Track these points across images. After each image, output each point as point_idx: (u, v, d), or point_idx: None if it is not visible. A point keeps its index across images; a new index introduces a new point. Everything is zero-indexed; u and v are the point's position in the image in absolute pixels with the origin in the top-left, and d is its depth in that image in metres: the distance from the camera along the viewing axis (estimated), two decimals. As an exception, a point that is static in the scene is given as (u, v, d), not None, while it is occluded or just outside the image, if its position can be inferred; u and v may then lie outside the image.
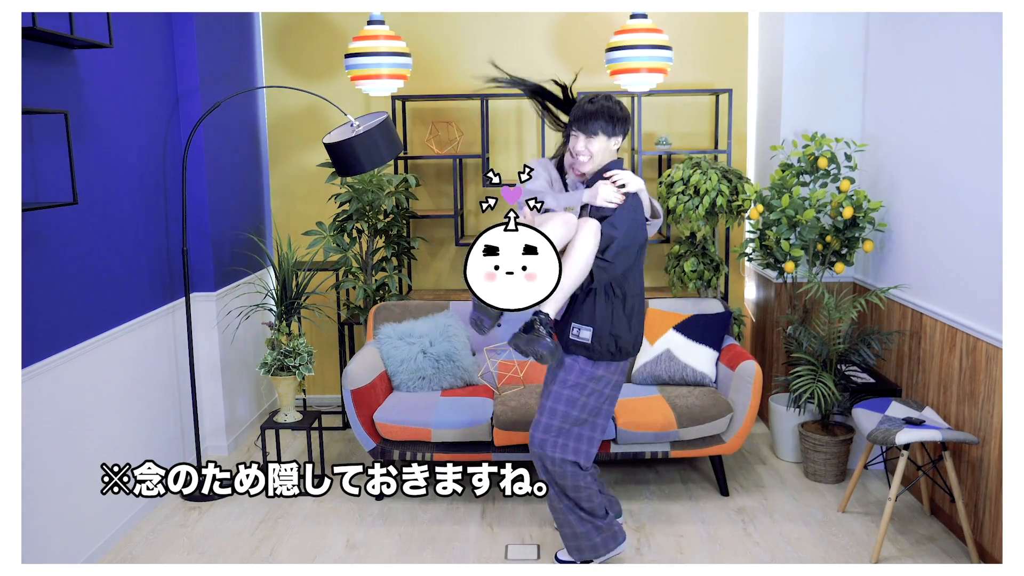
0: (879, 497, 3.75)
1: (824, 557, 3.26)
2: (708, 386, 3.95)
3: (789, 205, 3.89)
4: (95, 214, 3.30)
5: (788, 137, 4.29)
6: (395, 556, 3.33)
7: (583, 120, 2.80)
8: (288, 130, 5.00)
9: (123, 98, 3.53)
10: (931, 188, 3.53)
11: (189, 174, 4.01)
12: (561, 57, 4.87)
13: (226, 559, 3.32)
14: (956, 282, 3.34)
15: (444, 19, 4.88)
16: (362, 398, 3.70)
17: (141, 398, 3.64)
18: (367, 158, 3.25)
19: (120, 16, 3.47)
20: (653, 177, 4.97)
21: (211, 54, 4.19)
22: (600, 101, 2.82)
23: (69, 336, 3.10)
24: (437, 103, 4.93)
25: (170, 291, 3.94)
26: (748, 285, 4.97)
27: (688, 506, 3.69)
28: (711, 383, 3.98)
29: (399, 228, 4.60)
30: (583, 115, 2.80)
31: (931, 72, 3.52)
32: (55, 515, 2.99)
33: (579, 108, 2.82)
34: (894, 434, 3.13)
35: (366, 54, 4.22)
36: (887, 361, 3.96)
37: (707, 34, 4.84)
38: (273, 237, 5.00)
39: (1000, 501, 3.04)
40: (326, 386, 5.17)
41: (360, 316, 4.57)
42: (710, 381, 3.98)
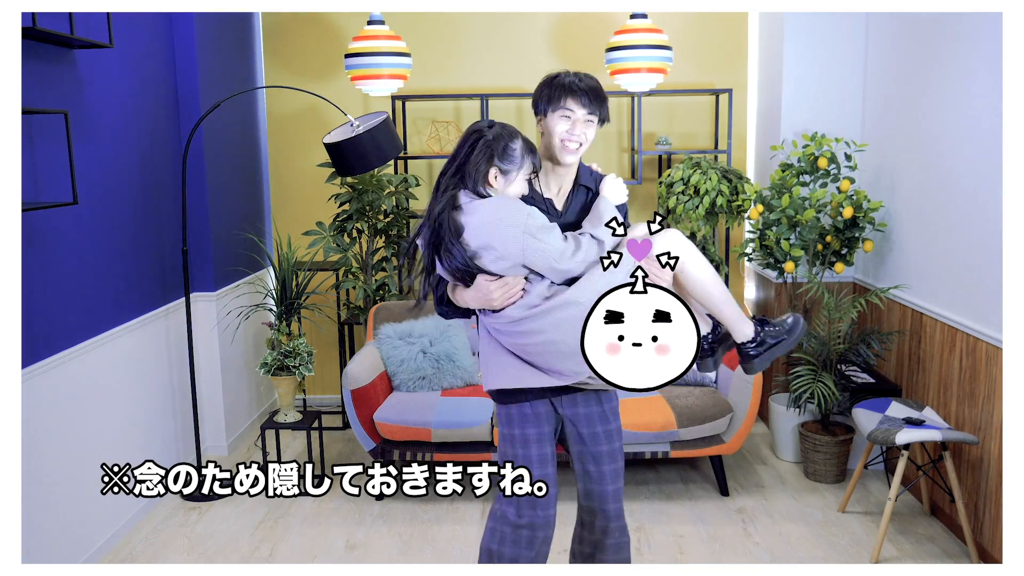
0: (879, 497, 3.75)
1: (824, 557, 3.26)
2: (708, 386, 3.95)
3: (789, 205, 3.89)
4: (95, 214, 3.30)
5: (788, 137, 4.29)
6: (395, 556, 3.33)
7: (587, 94, 2.18)
8: (288, 130, 5.00)
9: (123, 98, 3.53)
10: (931, 188, 3.53)
11: (189, 174, 4.00)
12: (561, 57, 4.87)
13: (226, 559, 3.32)
14: (956, 282, 3.34)
15: (444, 19, 4.88)
16: (362, 398, 3.70)
17: (141, 398, 3.64)
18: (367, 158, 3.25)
19: (120, 16, 3.47)
20: (653, 177, 4.98)
21: (211, 54, 4.19)
22: (586, 77, 2.23)
23: (69, 336, 3.10)
24: (437, 103, 4.93)
25: (170, 291, 3.94)
26: (748, 285, 4.97)
27: (688, 506, 3.69)
28: (711, 383, 3.98)
29: (399, 228, 4.60)
30: (587, 88, 2.19)
31: (931, 72, 3.52)
32: (55, 515, 2.99)
33: (568, 82, 2.19)
34: (894, 434, 3.13)
35: (366, 54, 4.22)
36: (887, 361, 3.96)
37: (707, 34, 4.84)
38: (273, 237, 5.00)
39: (1000, 501, 3.04)
40: (326, 386, 5.17)
41: (360, 316, 4.57)
42: (710, 381, 3.98)
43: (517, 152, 2.12)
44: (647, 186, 4.96)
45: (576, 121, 2.17)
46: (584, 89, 2.17)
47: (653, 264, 1.99)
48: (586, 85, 2.18)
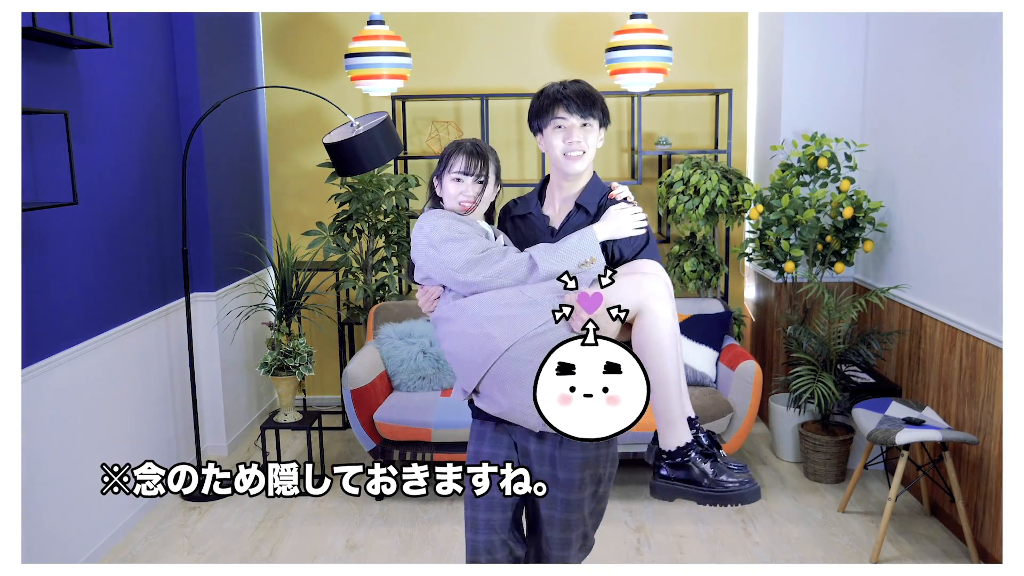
0: (879, 497, 3.75)
1: (824, 557, 3.26)
2: (708, 386, 3.95)
3: (789, 205, 3.89)
4: (95, 214, 3.30)
5: (788, 137, 4.29)
6: (395, 556, 3.33)
7: (574, 100, 2.07)
8: (288, 130, 5.00)
9: (123, 98, 3.53)
10: (931, 188, 3.53)
11: (189, 174, 4.00)
12: (561, 57, 4.87)
13: (226, 559, 3.32)
14: (956, 282, 3.34)
15: (444, 19, 4.88)
16: (362, 398, 3.70)
17: (141, 398, 3.64)
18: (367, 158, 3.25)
19: (120, 16, 3.46)
20: (653, 177, 4.97)
21: (211, 54, 4.19)
22: (572, 83, 2.12)
23: (69, 336, 3.10)
24: (437, 103, 4.93)
25: (170, 291, 3.94)
26: (748, 285, 4.97)
27: (688, 506, 3.69)
28: (711, 383, 3.98)
29: (399, 228, 4.60)
30: (574, 94, 2.08)
31: (931, 72, 3.52)
32: (55, 515, 2.99)
33: (553, 91, 2.10)
34: (894, 434, 3.13)
35: (366, 54, 4.22)
36: (887, 361, 3.96)
37: (707, 34, 4.84)
38: (273, 237, 5.00)
39: (1000, 501, 3.04)
40: (326, 386, 5.17)
41: (360, 316, 4.57)
42: (710, 381, 3.98)
43: (446, 153, 2.11)
44: (647, 186, 4.96)
45: (571, 129, 2.07)
46: (570, 95, 2.07)
47: (603, 317, 1.87)
48: (572, 91, 2.08)
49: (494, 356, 1.93)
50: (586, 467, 2.10)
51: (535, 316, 1.92)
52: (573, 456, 2.09)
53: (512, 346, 1.91)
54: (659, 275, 2.00)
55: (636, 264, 2.04)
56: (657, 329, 1.91)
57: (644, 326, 1.91)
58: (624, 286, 1.91)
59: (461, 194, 2.08)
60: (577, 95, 2.07)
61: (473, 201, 2.08)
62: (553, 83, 2.12)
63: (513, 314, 1.93)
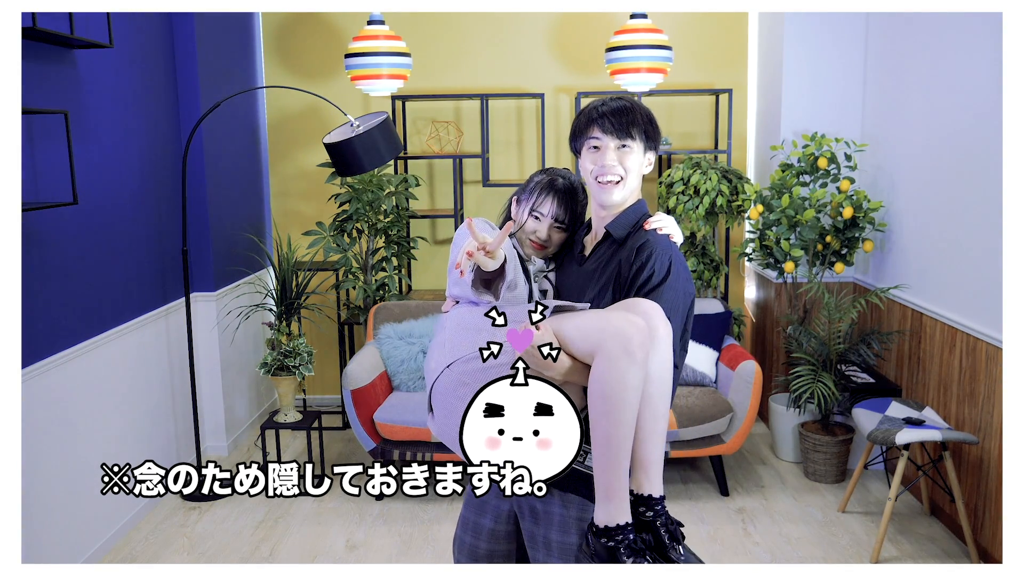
0: (879, 497, 3.75)
1: (824, 557, 3.26)
2: (708, 386, 3.95)
3: (789, 205, 3.89)
4: (95, 214, 3.30)
5: (788, 137, 4.29)
6: (395, 556, 3.33)
7: (609, 117, 1.84)
8: (288, 130, 5.00)
9: (123, 98, 3.53)
10: (931, 188, 3.53)
11: (189, 174, 4.00)
12: (561, 57, 4.87)
13: (226, 559, 3.32)
14: (956, 282, 3.34)
15: (444, 19, 4.88)
16: (362, 398, 3.70)
17: (141, 398, 3.64)
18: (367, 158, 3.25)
19: (120, 16, 3.47)
20: (653, 177, 4.98)
21: (211, 54, 4.19)
22: (615, 100, 1.90)
23: (69, 336, 3.10)
24: (437, 103, 4.93)
25: (170, 291, 3.94)
26: (748, 285, 4.97)
27: (688, 506, 3.69)
28: (711, 383, 3.98)
29: (399, 228, 4.60)
30: (610, 112, 1.85)
31: (931, 72, 3.52)
32: (55, 515, 2.99)
33: (594, 108, 1.88)
34: (894, 434, 3.13)
35: (366, 54, 4.22)
36: (887, 361, 3.96)
37: (707, 34, 4.84)
38: (273, 237, 5.00)
39: (1000, 501, 3.04)
40: (326, 386, 5.17)
41: (360, 316, 4.57)
42: (710, 381, 3.98)
43: (533, 182, 1.98)
44: (647, 186, 4.96)
45: (606, 150, 1.82)
46: (606, 112, 1.83)
47: (534, 355, 1.65)
48: (610, 108, 1.84)
49: (435, 373, 1.82)
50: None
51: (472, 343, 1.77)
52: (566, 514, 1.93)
53: (452, 364, 1.78)
54: (650, 321, 1.65)
55: (632, 302, 1.71)
56: (606, 382, 1.60)
57: (595, 376, 1.62)
58: (589, 320, 1.67)
59: (535, 233, 1.95)
60: (614, 112, 1.85)
61: (544, 244, 1.96)
62: (598, 99, 1.91)
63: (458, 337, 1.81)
